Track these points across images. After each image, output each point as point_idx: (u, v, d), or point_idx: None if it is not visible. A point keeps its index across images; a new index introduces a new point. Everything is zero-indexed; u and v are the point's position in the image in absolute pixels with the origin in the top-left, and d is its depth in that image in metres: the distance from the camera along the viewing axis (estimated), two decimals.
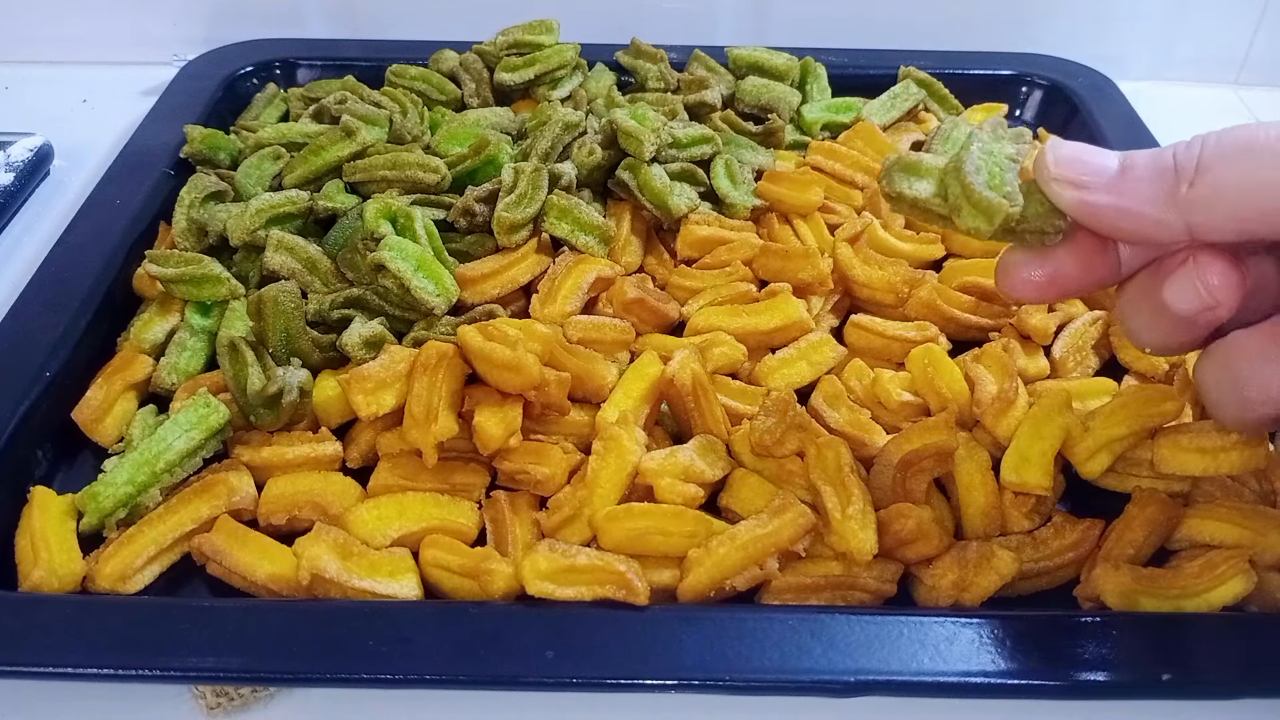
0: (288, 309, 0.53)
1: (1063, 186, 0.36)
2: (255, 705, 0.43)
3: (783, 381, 0.54)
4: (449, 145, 0.65)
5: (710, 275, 0.58)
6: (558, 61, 0.71)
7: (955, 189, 0.38)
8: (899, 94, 0.75)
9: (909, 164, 0.39)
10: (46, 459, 0.51)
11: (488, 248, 0.59)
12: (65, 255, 0.59)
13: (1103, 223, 0.36)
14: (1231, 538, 0.46)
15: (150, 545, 0.45)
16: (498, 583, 0.43)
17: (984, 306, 0.57)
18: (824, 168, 0.67)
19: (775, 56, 0.74)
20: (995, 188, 0.37)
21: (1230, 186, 0.34)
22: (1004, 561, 0.44)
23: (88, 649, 0.40)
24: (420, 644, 0.40)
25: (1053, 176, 0.36)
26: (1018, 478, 0.47)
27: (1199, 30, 0.86)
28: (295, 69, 0.79)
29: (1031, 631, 0.41)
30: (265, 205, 0.58)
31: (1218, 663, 0.41)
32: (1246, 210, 0.34)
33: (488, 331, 0.49)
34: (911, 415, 0.52)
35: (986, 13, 0.85)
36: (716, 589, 0.44)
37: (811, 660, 0.40)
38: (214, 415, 0.49)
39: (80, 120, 0.80)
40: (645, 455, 0.47)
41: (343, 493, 0.48)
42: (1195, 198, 0.34)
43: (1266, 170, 0.33)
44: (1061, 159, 0.36)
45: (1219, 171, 0.34)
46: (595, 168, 0.62)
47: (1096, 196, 0.35)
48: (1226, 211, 0.34)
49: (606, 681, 0.40)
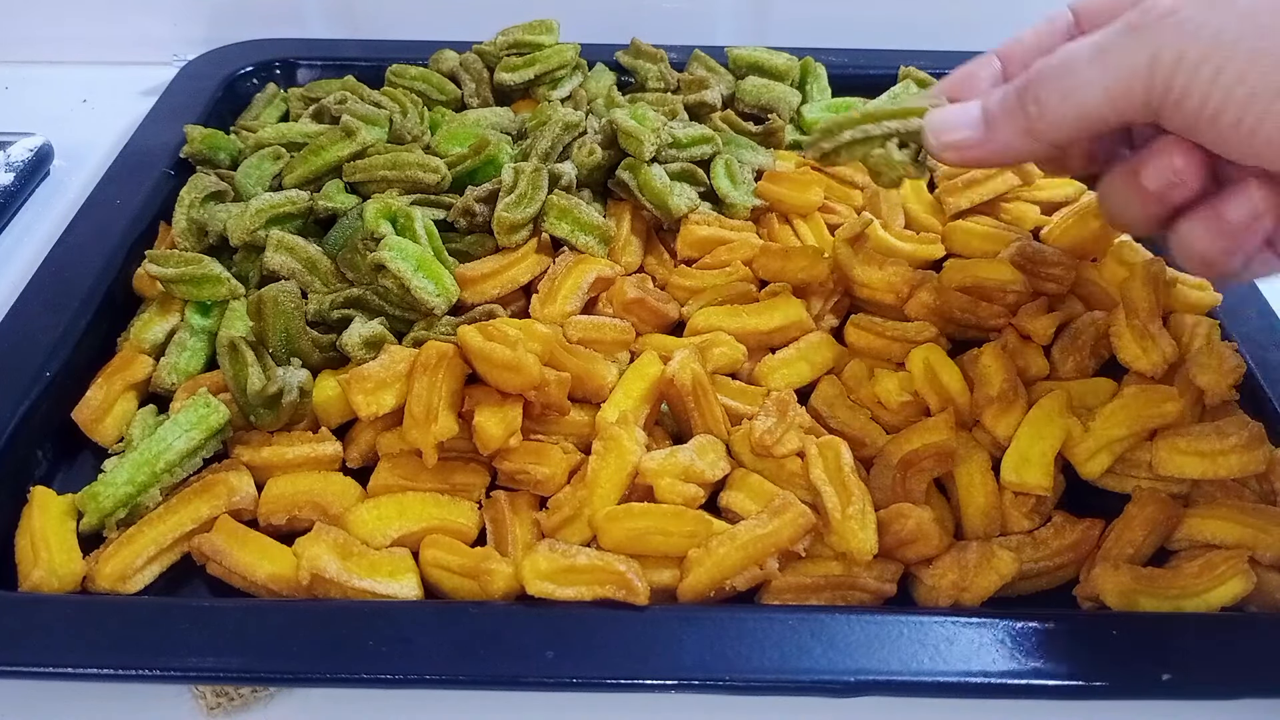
0: (288, 309, 0.53)
1: (949, 155, 0.45)
2: (255, 705, 0.43)
3: (783, 381, 0.54)
4: (449, 145, 0.65)
5: (710, 275, 0.58)
6: (558, 61, 0.71)
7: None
8: (899, 94, 0.75)
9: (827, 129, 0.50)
10: (46, 459, 0.51)
11: (488, 248, 0.59)
12: (65, 255, 0.59)
13: (988, 166, 0.48)
14: (1232, 537, 0.46)
15: (150, 545, 0.45)
16: (498, 583, 0.43)
17: (984, 306, 0.57)
18: (824, 168, 0.67)
19: (775, 56, 0.74)
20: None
21: (1055, 105, 0.40)
22: (1004, 561, 0.44)
23: (88, 649, 0.40)
24: (420, 644, 0.40)
25: (938, 149, 0.45)
26: (1018, 478, 0.47)
27: None
28: (295, 69, 0.79)
29: (1031, 631, 0.41)
30: (265, 205, 0.58)
31: (1218, 663, 0.41)
32: (1081, 117, 0.40)
33: (488, 331, 0.49)
34: (911, 415, 0.52)
35: (986, 13, 0.85)
36: (716, 589, 0.44)
37: (811, 660, 0.40)
38: (214, 415, 0.49)
39: (80, 120, 0.80)
40: (645, 455, 0.47)
41: (343, 493, 0.48)
42: (1045, 125, 0.41)
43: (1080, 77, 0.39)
44: (937, 130, 0.45)
45: (1048, 96, 0.40)
46: (595, 168, 0.62)
47: (972, 153, 0.44)
48: (1067, 123, 0.40)
49: (606, 681, 0.40)
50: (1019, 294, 0.56)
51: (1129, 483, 0.50)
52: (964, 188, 0.64)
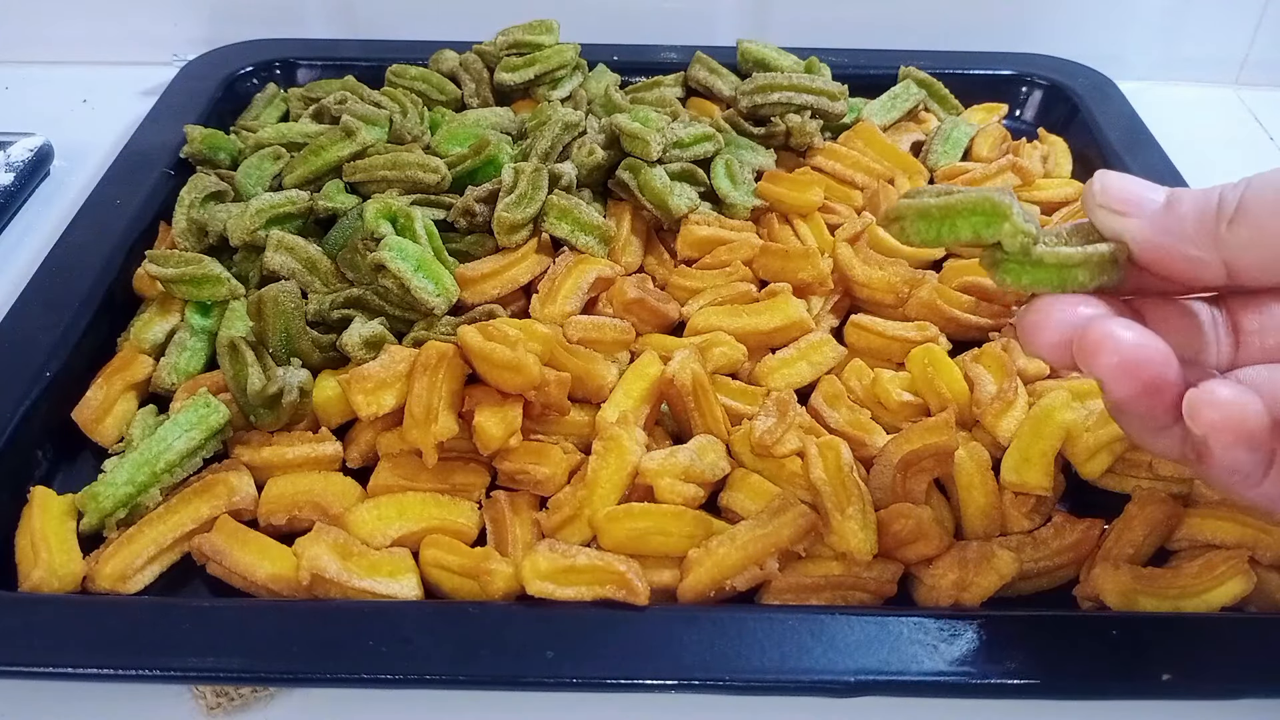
0: (288, 309, 0.53)
1: (1108, 215, 0.36)
2: (255, 705, 0.43)
3: (783, 381, 0.54)
4: (449, 145, 0.65)
5: (710, 275, 0.58)
6: (558, 61, 0.71)
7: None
8: (899, 94, 0.75)
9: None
10: (46, 459, 0.51)
11: (488, 248, 0.59)
12: (65, 255, 0.59)
13: (1144, 253, 0.35)
14: (1233, 536, 0.46)
15: (150, 545, 0.45)
16: (498, 583, 0.43)
17: (984, 306, 0.57)
18: (824, 168, 0.67)
19: (784, 57, 0.74)
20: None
21: (1271, 230, 0.33)
22: (1004, 561, 0.44)
23: (88, 649, 0.40)
24: (420, 644, 0.40)
25: (1099, 204, 0.36)
26: (1018, 478, 0.47)
27: (1199, 30, 0.86)
28: (295, 69, 0.79)
29: (1031, 631, 0.41)
30: (265, 205, 0.58)
31: (1218, 663, 0.41)
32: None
33: (488, 331, 0.49)
34: (911, 415, 0.52)
35: (986, 13, 0.85)
36: (716, 589, 0.44)
37: (811, 660, 0.40)
38: (214, 415, 0.49)
39: (80, 120, 0.80)
40: (645, 455, 0.47)
41: (343, 493, 0.48)
42: (1235, 239, 0.33)
43: None
44: (1108, 187, 0.36)
45: (1260, 212, 0.33)
46: (595, 167, 0.62)
47: (1140, 226, 0.35)
48: (1266, 255, 0.33)
49: (606, 681, 0.40)
50: (1019, 294, 0.56)
51: (1129, 482, 0.50)
52: None
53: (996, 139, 0.72)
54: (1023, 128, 0.77)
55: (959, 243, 0.36)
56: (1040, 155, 0.71)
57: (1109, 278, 0.35)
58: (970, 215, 0.35)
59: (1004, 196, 0.35)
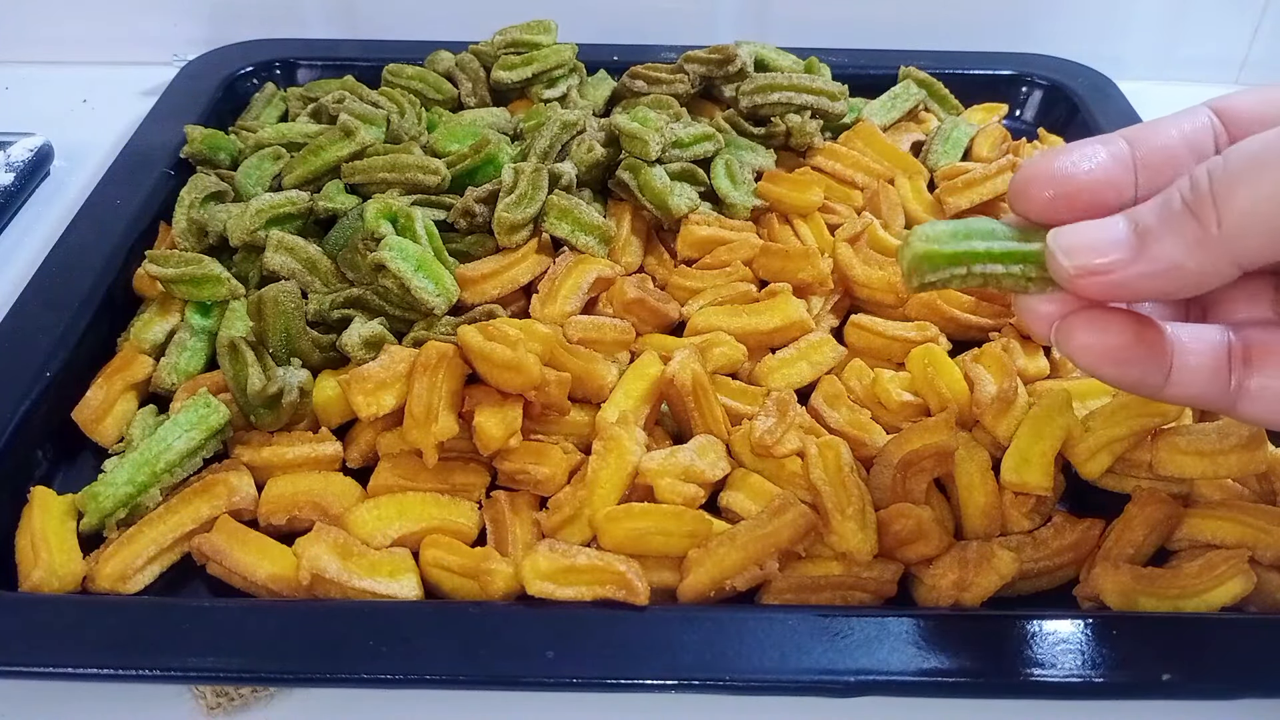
0: (288, 309, 0.53)
1: (1088, 282, 0.33)
2: (255, 705, 0.43)
3: (783, 381, 0.54)
4: (447, 143, 0.65)
5: (710, 275, 0.58)
6: (555, 61, 0.71)
7: None
8: (899, 94, 0.75)
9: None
10: (46, 459, 0.51)
11: (488, 248, 0.59)
12: (65, 255, 0.59)
13: (1147, 295, 0.33)
14: (1233, 536, 0.46)
15: (150, 545, 0.45)
16: (498, 583, 0.43)
17: (984, 306, 0.57)
18: (824, 168, 0.67)
19: (783, 57, 0.74)
20: None
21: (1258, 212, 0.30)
22: (1004, 561, 0.44)
23: (88, 649, 0.40)
24: (420, 644, 0.40)
25: (1073, 276, 0.33)
26: (1018, 478, 0.47)
27: (1199, 30, 0.86)
28: (295, 69, 0.79)
29: (1031, 631, 0.41)
30: (265, 205, 0.58)
31: (1218, 663, 0.41)
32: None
33: (488, 331, 0.49)
34: (911, 415, 0.52)
35: (986, 13, 0.85)
36: (716, 589, 0.44)
37: (811, 660, 0.40)
38: (214, 415, 0.49)
39: (80, 120, 0.80)
40: (645, 455, 0.47)
41: (343, 493, 0.48)
42: (1228, 235, 0.31)
43: None
44: (1072, 251, 0.33)
45: (1239, 198, 0.30)
46: (595, 165, 0.62)
47: (1121, 276, 0.32)
48: (1267, 235, 0.31)
49: (606, 681, 0.40)
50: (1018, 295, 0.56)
51: (1129, 482, 0.50)
52: (964, 188, 0.64)
53: (996, 139, 0.72)
54: (1023, 128, 0.77)
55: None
56: None
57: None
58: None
59: None
